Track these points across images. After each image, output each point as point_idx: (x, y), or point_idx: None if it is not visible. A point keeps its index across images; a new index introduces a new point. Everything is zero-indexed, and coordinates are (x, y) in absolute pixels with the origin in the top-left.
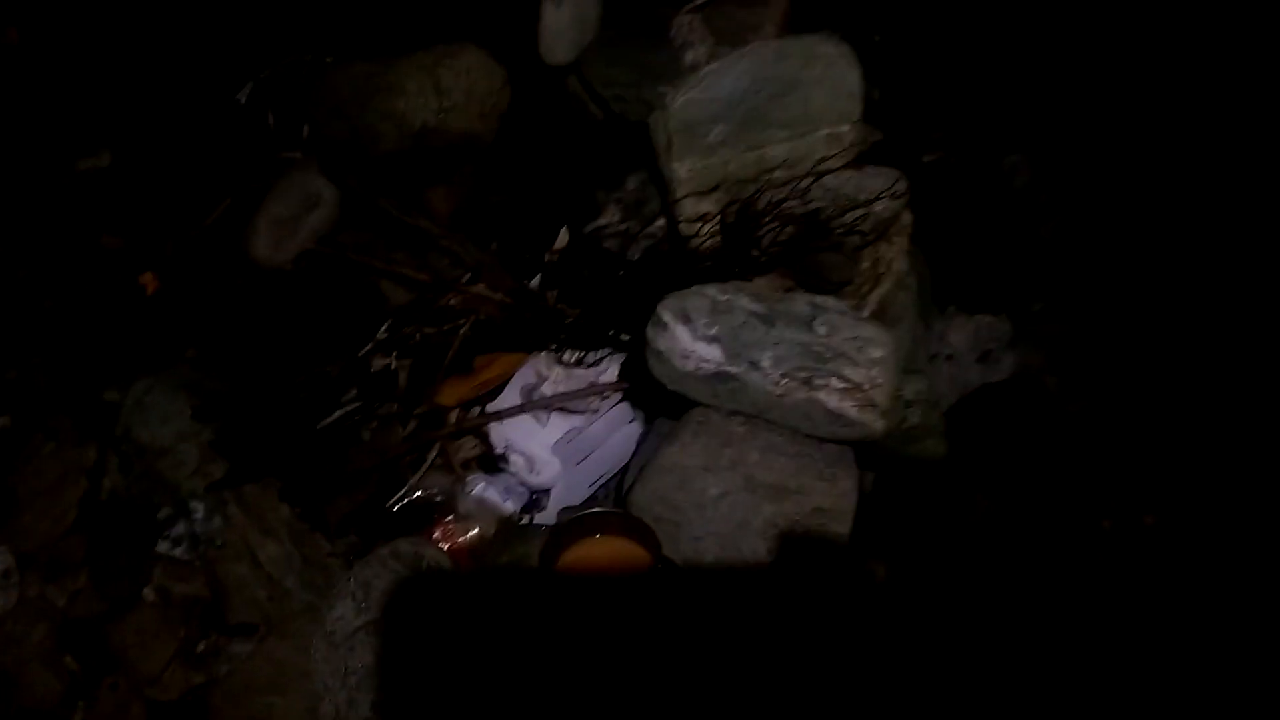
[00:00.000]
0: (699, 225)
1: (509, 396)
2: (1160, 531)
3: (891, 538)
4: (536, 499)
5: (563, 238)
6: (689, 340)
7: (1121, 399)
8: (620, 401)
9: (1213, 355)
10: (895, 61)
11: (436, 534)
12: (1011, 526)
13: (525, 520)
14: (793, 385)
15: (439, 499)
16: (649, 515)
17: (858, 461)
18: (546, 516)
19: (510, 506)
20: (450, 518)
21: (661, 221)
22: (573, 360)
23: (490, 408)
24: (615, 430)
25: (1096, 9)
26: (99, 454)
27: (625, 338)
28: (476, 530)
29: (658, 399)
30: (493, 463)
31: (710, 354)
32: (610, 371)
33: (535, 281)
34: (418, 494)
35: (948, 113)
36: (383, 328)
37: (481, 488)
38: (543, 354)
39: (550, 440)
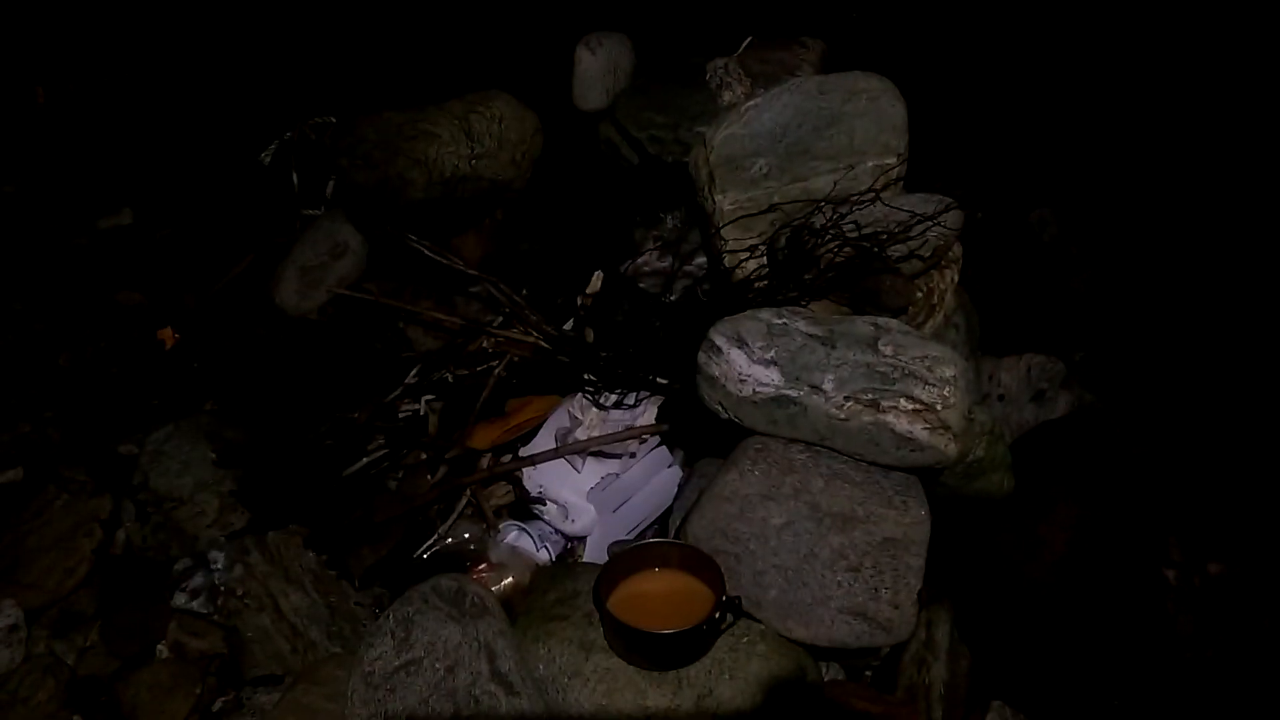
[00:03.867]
0: (744, 256)
1: (542, 441)
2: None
3: (958, 575)
4: (571, 547)
5: (596, 281)
6: (745, 364)
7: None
8: (658, 445)
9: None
10: (930, 104)
11: (478, 573)
12: (1082, 568)
13: (570, 559)
14: (858, 408)
15: (471, 548)
16: (707, 548)
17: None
18: (590, 558)
19: (544, 555)
20: (483, 566)
21: (702, 258)
22: (609, 403)
23: (523, 452)
24: (654, 474)
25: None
26: (114, 505)
27: (663, 380)
28: (510, 579)
29: (701, 439)
30: (526, 510)
31: (768, 377)
32: (647, 414)
33: (569, 325)
34: (448, 542)
35: (976, 163)
36: (412, 372)
37: (514, 536)
38: (577, 397)
39: (585, 486)
